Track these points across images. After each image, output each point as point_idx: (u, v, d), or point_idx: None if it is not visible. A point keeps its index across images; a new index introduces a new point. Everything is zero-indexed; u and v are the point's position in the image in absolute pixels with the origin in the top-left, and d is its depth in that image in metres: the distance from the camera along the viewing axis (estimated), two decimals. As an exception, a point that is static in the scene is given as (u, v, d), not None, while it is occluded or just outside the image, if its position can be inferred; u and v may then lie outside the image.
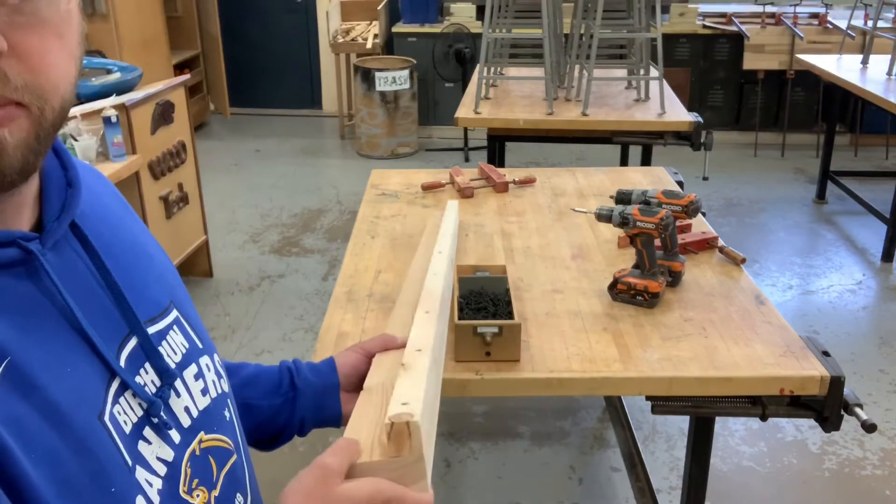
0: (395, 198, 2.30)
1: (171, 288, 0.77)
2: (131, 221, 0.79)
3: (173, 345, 0.73)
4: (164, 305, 0.74)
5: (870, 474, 2.58)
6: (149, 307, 0.71)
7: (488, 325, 1.44)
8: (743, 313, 1.64)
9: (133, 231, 0.77)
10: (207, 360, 0.77)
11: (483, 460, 2.67)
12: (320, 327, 1.61)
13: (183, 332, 0.75)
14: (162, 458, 0.66)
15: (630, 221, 1.67)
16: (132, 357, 0.67)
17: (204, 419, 0.73)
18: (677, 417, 2.59)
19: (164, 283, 0.76)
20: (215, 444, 0.74)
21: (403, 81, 5.64)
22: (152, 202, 3.30)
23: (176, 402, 0.70)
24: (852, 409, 1.43)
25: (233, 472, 0.76)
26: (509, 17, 3.81)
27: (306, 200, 4.94)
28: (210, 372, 0.77)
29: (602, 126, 3.25)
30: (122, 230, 0.75)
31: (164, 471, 0.65)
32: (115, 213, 0.77)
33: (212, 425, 0.74)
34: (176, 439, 0.68)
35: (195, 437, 0.71)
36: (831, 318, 3.53)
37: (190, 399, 0.72)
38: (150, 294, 0.73)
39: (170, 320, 0.74)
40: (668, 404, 1.48)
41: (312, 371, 0.98)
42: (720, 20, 5.83)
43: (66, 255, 0.65)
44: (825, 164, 4.79)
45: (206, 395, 0.74)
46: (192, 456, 0.69)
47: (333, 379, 0.97)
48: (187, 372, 0.73)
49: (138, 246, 0.76)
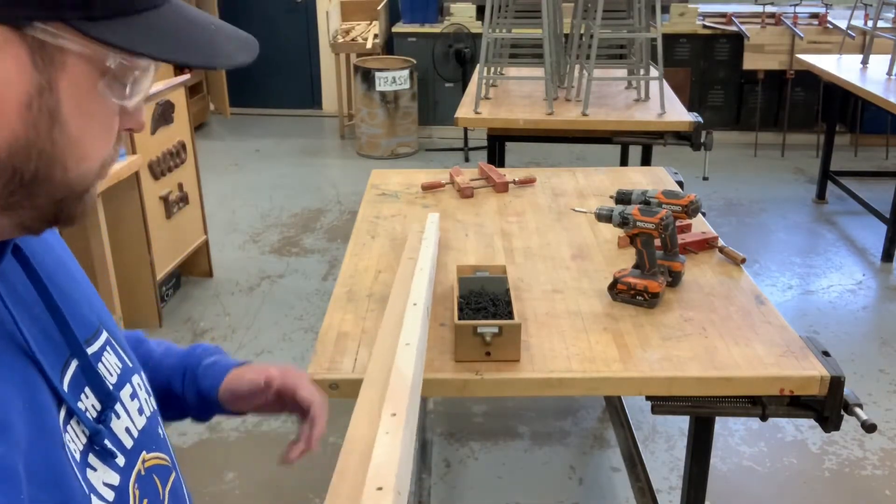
0: (395, 198, 2.30)
1: (97, 309, 0.76)
2: (56, 244, 0.78)
3: (108, 366, 0.72)
4: (95, 326, 0.73)
5: (870, 474, 2.58)
6: (84, 329, 0.71)
7: (488, 325, 1.44)
8: (743, 313, 1.64)
9: (59, 254, 0.76)
10: (138, 379, 0.77)
11: (483, 460, 2.67)
12: (320, 327, 1.61)
13: (115, 351, 0.74)
14: (108, 483, 0.65)
15: (630, 221, 1.67)
16: (74, 381, 0.66)
17: (143, 439, 0.72)
18: (677, 417, 2.58)
19: (92, 305, 0.75)
20: (157, 463, 0.74)
21: (403, 81, 5.63)
22: (152, 202, 3.30)
23: (117, 424, 0.69)
24: (852, 409, 1.43)
25: (175, 489, 0.76)
26: (509, 17, 3.81)
27: (306, 200, 4.94)
28: (142, 390, 0.76)
29: (602, 126, 3.25)
30: (51, 253, 0.74)
31: (112, 496, 0.65)
32: (44, 238, 0.75)
33: (150, 444, 0.74)
34: (121, 463, 0.67)
35: (139, 458, 0.70)
36: (831, 318, 3.53)
37: (129, 420, 0.71)
38: (83, 315, 0.72)
39: (102, 341, 0.73)
40: (668, 404, 1.49)
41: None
42: (720, 20, 5.83)
43: (9, 278, 0.64)
44: (825, 164, 4.79)
45: (142, 415, 0.74)
46: (138, 477, 0.69)
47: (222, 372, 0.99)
48: (123, 392, 0.72)
49: (67, 269, 0.75)
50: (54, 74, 0.53)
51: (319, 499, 2.44)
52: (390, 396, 0.99)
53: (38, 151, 0.55)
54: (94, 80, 0.56)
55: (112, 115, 0.59)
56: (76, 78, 0.55)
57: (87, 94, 0.56)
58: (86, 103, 0.56)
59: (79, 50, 0.53)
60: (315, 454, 0.95)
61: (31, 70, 0.53)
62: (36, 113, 0.54)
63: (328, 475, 0.85)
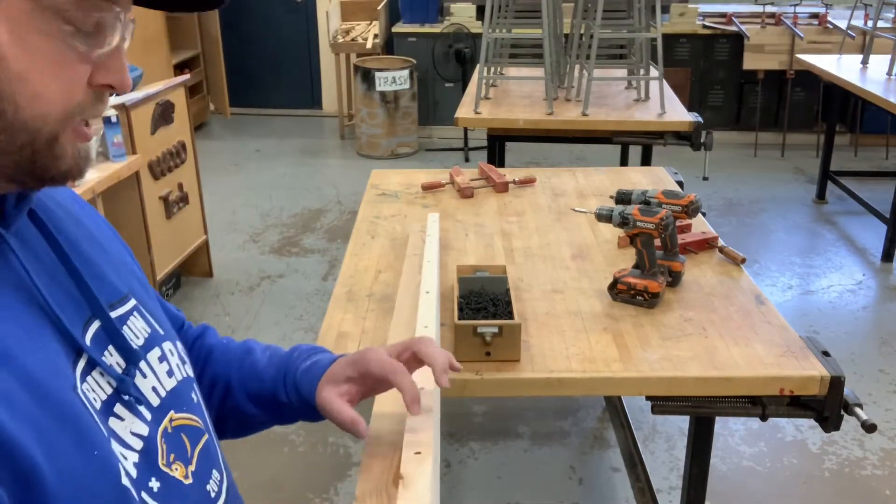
0: (395, 198, 2.30)
1: (128, 280, 0.79)
2: (85, 215, 0.80)
3: (135, 329, 0.74)
4: (122, 293, 0.75)
5: (870, 474, 2.58)
6: (108, 293, 0.73)
7: (488, 325, 1.44)
8: (743, 313, 1.64)
9: (86, 225, 0.78)
10: (171, 346, 0.78)
11: (483, 460, 2.67)
12: (320, 327, 1.61)
13: (144, 318, 0.76)
14: (136, 432, 0.67)
15: (630, 221, 1.67)
16: (96, 338, 0.68)
17: (172, 399, 0.74)
18: (677, 417, 2.59)
19: (121, 275, 0.78)
20: (186, 423, 0.75)
21: (403, 81, 5.63)
22: (152, 202, 3.30)
23: (143, 383, 0.71)
24: (852, 409, 1.43)
25: (206, 450, 0.77)
26: (509, 17, 3.81)
27: (306, 200, 4.94)
28: (174, 356, 0.78)
29: (602, 126, 3.25)
30: (74, 223, 0.76)
31: (140, 445, 0.66)
32: (67, 208, 0.78)
33: (181, 405, 0.75)
34: (147, 416, 0.69)
35: (166, 416, 0.72)
36: (831, 318, 3.53)
37: (156, 380, 0.73)
38: (108, 281, 0.74)
39: (129, 307, 0.75)
40: (667, 404, 1.49)
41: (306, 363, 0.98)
42: (720, 20, 5.83)
43: (28, 241, 0.67)
44: (825, 164, 4.79)
45: (171, 377, 0.76)
46: (164, 433, 0.70)
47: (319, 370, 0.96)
48: (151, 354, 0.74)
49: (92, 238, 0.77)
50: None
51: (319, 499, 2.45)
52: (417, 373, 1.01)
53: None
54: (27, 12, 0.56)
55: (70, 59, 0.60)
56: (9, 11, 0.56)
57: (27, 29, 0.57)
58: (27, 39, 0.57)
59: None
60: None
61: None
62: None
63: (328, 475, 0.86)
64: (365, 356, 0.91)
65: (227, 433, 1.00)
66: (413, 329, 1.19)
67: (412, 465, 0.81)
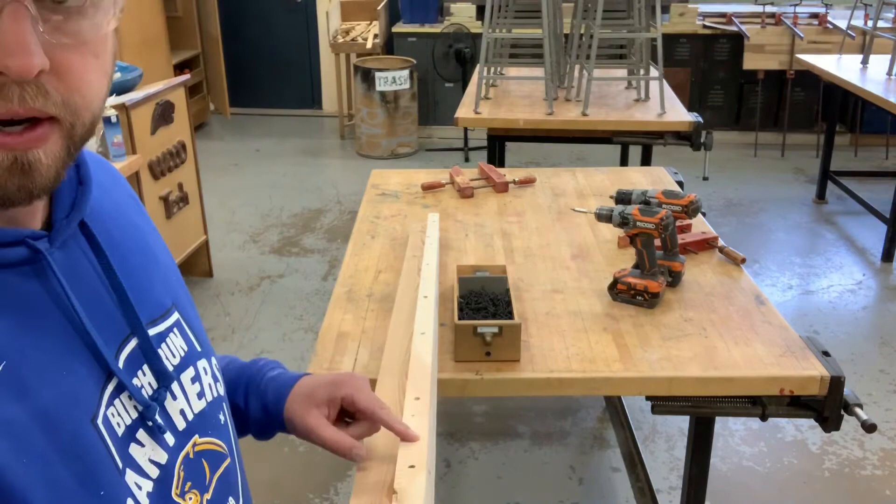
0: (395, 198, 2.30)
1: (175, 290, 0.77)
2: (141, 220, 0.79)
3: (172, 348, 0.73)
4: (166, 307, 0.74)
5: (870, 474, 2.58)
6: (151, 308, 0.71)
7: (488, 325, 1.44)
8: (743, 313, 1.64)
9: (142, 230, 0.77)
10: (205, 364, 0.77)
11: (483, 460, 2.67)
12: (320, 327, 1.61)
13: (183, 334, 0.75)
14: (155, 460, 0.66)
15: (630, 221, 1.67)
16: (131, 358, 0.67)
17: (199, 422, 0.73)
18: (677, 417, 2.59)
19: (168, 284, 0.76)
20: (209, 448, 0.74)
21: (403, 81, 5.63)
22: (152, 202, 3.30)
23: (172, 405, 0.70)
24: (852, 409, 1.43)
25: (226, 476, 0.75)
26: (509, 17, 3.81)
27: (306, 200, 4.94)
28: (207, 375, 0.77)
29: (602, 126, 3.25)
30: (131, 228, 0.75)
31: (157, 473, 0.65)
32: (125, 212, 0.76)
33: (206, 429, 0.74)
34: (170, 442, 0.68)
35: (189, 441, 0.71)
36: (831, 318, 3.53)
37: (186, 402, 0.72)
38: (153, 295, 0.73)
39: (171, 322, 0.74)
40: (668, 404, 1.49)
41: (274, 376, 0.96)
42: (720, 20, 5.83)
43: (73, 254, 0.65)
44: (825, 164, 4.79)
45: (201, 399, 0.74)
46: (185, 459, 0.69)
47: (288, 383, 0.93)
48: (185, 375, 0.73)
49: (146, 246, 0.76)
50: None
51: (319, 499, 2.45)
52: (412, 381, 1.01)
53: None
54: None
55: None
56: None
57: None
58: None
59: None
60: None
61: None
62: None
63: (328, 475, 0.86)
64: (352, 382, 0.89)
65: None
66: (411, 331, 1.19)
67: (406, 478, 0.80)
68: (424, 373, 1.03)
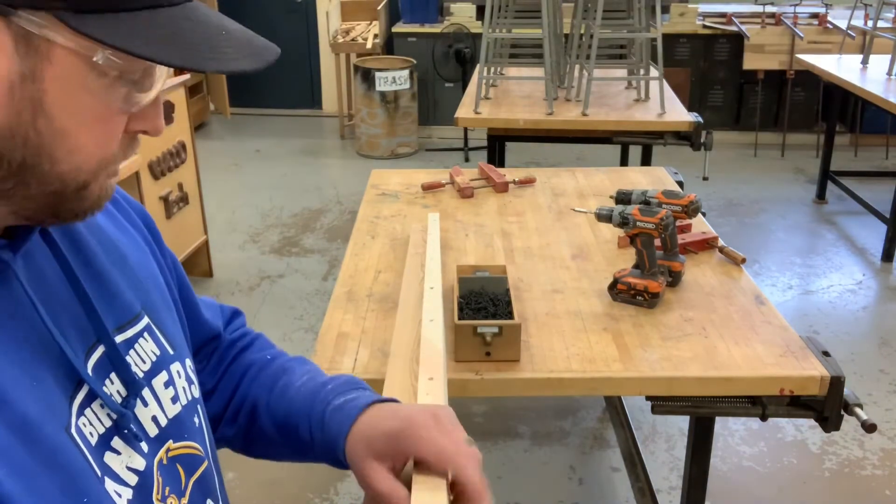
0: (395, 198, 2.30)
1: (146, 293, 0.76)
2: (111, 219, 0.77)
3: (142, 353, 0.72)
4: (135, 311, 0.73)
5: (870, 474, 2.58)
6: (119, 314, 0.71)
7: (488, 325, 1.44)
8: (743, 313, 1.64)
9: (109, 233, 0.76)
10: (179, 367, 0.76)
11: (483, 460, 2.66)
12: (320, 327, 1.61)
13: (154, 338, 0.74)
14: (133, 467, 0.65)
15: (630, 221, 1.67)
16: (99, 366, 0.66)
17: (173, 427, 0.72)
18: (677, 417, 2.59)
19: (140, 288, 0.75)
20: (185, 452, 0.73)
21: (403, 81, 5.63)
22: (152, 202, 3.30)
23: (143, 412, 0.69)
24: (852, 409, 1.43)
25: (203, 479, 0.75)
26: (509, 17, 3.81)
27: (306, 200, 4.94)
28: (181, 378, 0.76)
29: (602, 126, 3.25)
30: (97, 233, 0.74)
31: (135, 480, 0.65)
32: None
33: (181, 433, 0.73)
34: (144, 449, 0.68)
35: (162, 447, 0.70)
36: (831, 318, 3.53)
37: (159, 408, 0.71)
38: (120, 300, 0.72)
39: (140, 327, 0.73)
40: (668, 404, 1.49)
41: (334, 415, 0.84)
42: (720, 20, 5.83)
43: (36, 261, 0.65)
44: (825, 164, 4.79)
45: (176, 403, 0.74)
46: (159, 465, 0.69)
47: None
48: (157, 380, 0.72)
49: (113, 248, 0.75)
50: (39, 65, 0.54)
51: (319, 499, 2.44)
52: (424, 363, 1.01)
53: (22, 139, 0.55)
54: (83, 74, 0.55)
55: (111, 113, 0.59)
56: (63, 71, 0.55)
57: (75, 87, 0.56)
58: (74, 97, 0.56)
59: (63, 42, 0.53)
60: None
61: (14, 57, 0.53)
62: (18, 100, 0.54)
63: (328, 475, 0.85)
64: (415, 433, 0.78)
65: (255, 454, 0.94)
66: (418, 323, 1.19)
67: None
68: (436, 354, 1.04)
